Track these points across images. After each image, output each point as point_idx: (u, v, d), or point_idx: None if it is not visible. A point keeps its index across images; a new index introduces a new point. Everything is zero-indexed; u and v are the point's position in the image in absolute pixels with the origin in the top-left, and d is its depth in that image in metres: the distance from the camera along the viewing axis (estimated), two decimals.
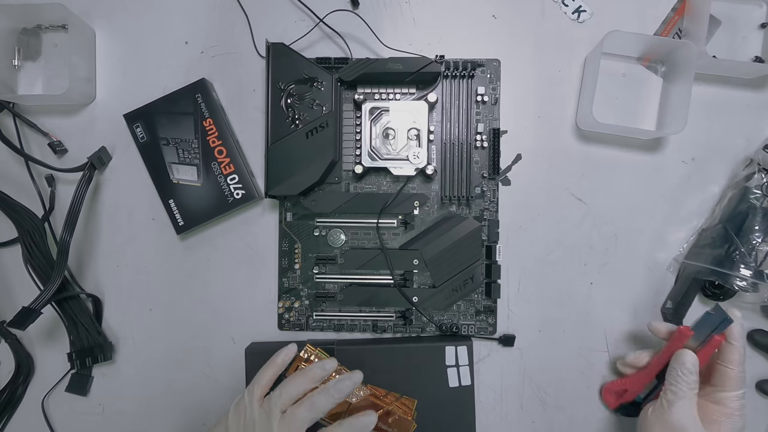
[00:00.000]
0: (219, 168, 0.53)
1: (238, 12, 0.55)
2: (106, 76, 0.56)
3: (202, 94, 0.53)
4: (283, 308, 0.55)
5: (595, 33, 0.54)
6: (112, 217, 0.56)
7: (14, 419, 0.55)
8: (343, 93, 0.54)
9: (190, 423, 0.55)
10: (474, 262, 0.52)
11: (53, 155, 0.55)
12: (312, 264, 0.54)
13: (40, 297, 0.49)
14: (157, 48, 0.56)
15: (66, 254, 0.50)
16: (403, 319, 0.54)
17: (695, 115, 0.53)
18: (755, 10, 0.55)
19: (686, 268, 0.53)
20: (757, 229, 0.50)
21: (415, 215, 0.54)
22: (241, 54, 0.55)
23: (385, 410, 0.49)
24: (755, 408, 0.54)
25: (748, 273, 0.49)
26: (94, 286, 0.56)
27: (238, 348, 0.55)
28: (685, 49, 0.50)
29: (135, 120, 0.53)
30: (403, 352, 0.52)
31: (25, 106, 0.55)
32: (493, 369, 0.55)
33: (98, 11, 0.56)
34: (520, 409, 0.54)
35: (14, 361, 0.55)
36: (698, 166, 0.55)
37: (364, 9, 0.55)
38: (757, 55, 0.54)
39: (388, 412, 0.49)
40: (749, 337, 0.53)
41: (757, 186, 0.51)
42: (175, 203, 0.53)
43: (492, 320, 0.54)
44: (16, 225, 0.53)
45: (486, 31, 0.55)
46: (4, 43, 0.54)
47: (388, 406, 0.49)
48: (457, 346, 0.52)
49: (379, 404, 0.49)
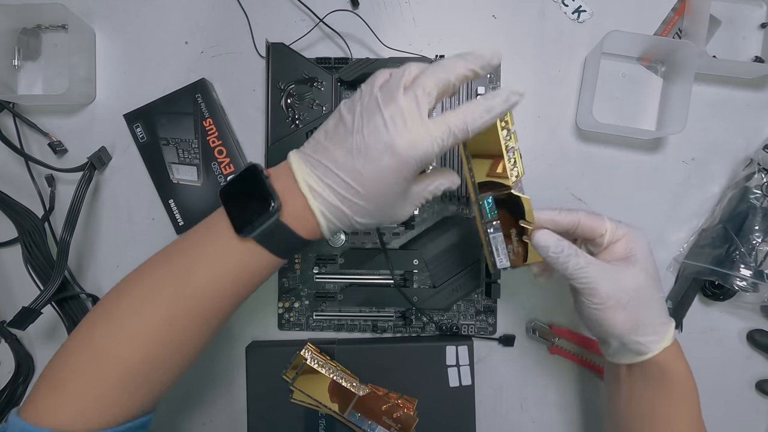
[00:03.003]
0: (219, 168, 0.53)
1: (238, 12, 0.55)
2: (106, 76, 0.56)
3: (202, 94, 0.53)
4: (283, 308, 0.55)
5: (595, 33, 0.54)
6: (112, 217, 0.56)
7: None
8: (343, 93, 0.54)
9: (190, 423, 0.55)
10: (474, 262, 0.53)
11: (53, 155, 0.55)
12: (312, 264, 0.54)
13: (40, 297, 0.49)
14: (157, 48, 0.56)
15: (66, 254, 0.50)
16: (403, 319, 0.54)
17: (695, 115, 0.53)
18: (755, 10, 0.55)
19: (686, 268, 0.53)
20: (757, 229, 0.50)
21: (415, 215, 0.54)
22: (241, 54, 0.55)
23: (389, 405, 0.49)
24: (755, 408, 0.54)
25: (748, 273, 0.49)
26: (94, 286, 0.56)
27: (239, 348, 0.55)
28: (685, 49, 0.50)
29: (135, 120, 0.53)
30: (403, 351, 0.52)
31: (25, 106, 0.55)
32: (493, 369, 0.55)
33: (98, 11, 0.56)
34: (520, 409, 0.54)
35: (14, 361, 0.55)
36: (698, 166, 0.55)
37: (364, 9, 0.55)
38: (757, 55, 0.54)
39: (393, 407, 0.49)
40: (749, 337, 0.53)
41: (757, 186, 0.51)
42: (175, 203, 0.53)
43: (492, 320, 0.54)
44: (16, 225, 0.53)
45: (486, 31, 0.55)
46: (4, 43, 0.54)
47: (392, 401, 0.49)
48: (457, 345, 0.52)
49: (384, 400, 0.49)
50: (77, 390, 0.35)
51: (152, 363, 0.36)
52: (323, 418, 0.51)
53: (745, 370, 0.54)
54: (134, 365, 0.36)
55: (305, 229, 0.36)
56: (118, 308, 0.37)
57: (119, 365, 0.35)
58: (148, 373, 0.36)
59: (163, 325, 0.36)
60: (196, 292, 0.36)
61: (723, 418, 0.54)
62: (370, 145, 0.33)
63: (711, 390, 0.54)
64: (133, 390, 0.36)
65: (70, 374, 0.35)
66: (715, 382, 0.54)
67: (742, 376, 0.54)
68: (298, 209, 0.35)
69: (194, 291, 0.36)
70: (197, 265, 0.36)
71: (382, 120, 0.33)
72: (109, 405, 0.35)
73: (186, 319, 0.36)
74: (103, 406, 0.35)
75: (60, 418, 0.34)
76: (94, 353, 0.36)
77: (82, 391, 0.35)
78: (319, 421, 0.51)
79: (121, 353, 0.35)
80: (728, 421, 0.54)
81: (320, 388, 0.50)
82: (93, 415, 0.35)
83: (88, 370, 0.35)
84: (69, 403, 0.34)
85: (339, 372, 0.50)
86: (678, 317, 0.53)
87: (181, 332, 0.36)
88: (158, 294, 0.36)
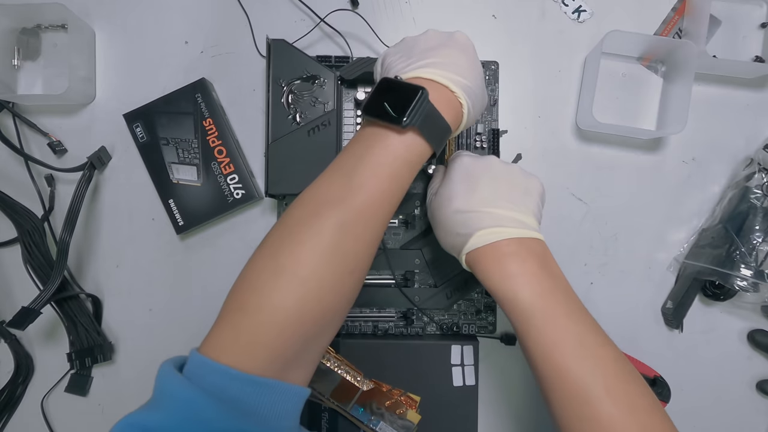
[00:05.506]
0: (219, 168, 0.53)
1: (238, 12, 0.55)
2: (106, 76, 0.56)
3: (202, 94, 0.53)
4: None
5: (595, 33, 0.54)
6: (112, 217, 0.56)
7: (14, 419, 0.55)
8: (344, 91, 0.54)
9: None
10: None
11: (53, 155, 0.55)
12: None
13: (40, 297, 0.49)
14: (157, 48, 0.56)
15: (66, 254, 0.50)
16: (404, 319, 0.54)
17: (695, 115, 0.53)
18: (755, 10, 0.55)
19: (686, 268, 0.53)
20: (757, 228, 0.50)
21: (416, 215, 0.54)
22: (241, 54, 0.55)
23: (392, 402, 0.49)
24: (755, 408, 0.54)
25: (748, 273, 0.49)
26: (94, 286, 0.56)
27: None
28: (685, 49, 0.51)
29: (135, 120, 0.53)
30: (408, 349, 0.52)
31: (25, 106, 0.55)
32: (494, 368, 0.55)
33: (98, 11, 0.56)
34: (522, 408, 0.54)
35: (14, 361, 0.54)
36: (698, 166, 0.55)
37: (365, 9, 0.55)
38: (757, 55, 0.54)
39: (396, 403, 0.49)
40: (749, 337, 0.53)
41: (758, 186, 0.51)
42: (175, 203, 0.53)
43: (492, 319, 0.54)
44: (16, 225, 0.53)
45: (486, 31, 0.55)
46: (4, 43, 0.54)
47: (395, 397, 0.50)
48: (463, 345, 0.51)
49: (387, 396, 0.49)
50: (268, 313, 0.33)
51: (328, 279, 0.34)
52: (326, 411, 0.51)
53: (746, 370, 0.54)
54: (312, 281, 0.34)
55: (451, 113, 0.39)
56: (290, 221, 0.36)
57: (299, 280, 0.34)
58: (326, 293, 0.35)
59: (333, 231, 0.35)
60: (361, 192, 0.36)
61: (723, 418, 0.54)
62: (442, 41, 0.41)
63: (711, 390, 0.55)
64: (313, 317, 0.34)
65: (258, 296, 0.34)
66: (715, 382, 0.54)
67: (742, 376, 0.54)
68: (438, 95, 0.38)
69: (359, 191, 0.36)
70: (357, 166, 0.37)
71: (432, 30, 0.43)
72: (294, 333, 0.33)
73: (353, 223, 0.35)
74: (290, 334, 0.33)
75: (253, 351, 0.32)
76: (277, 267, 0.34)
77: (272, 315, 0.33)
78: (322, 415, 0.51)
79: (300, 266, 0.34)
80: (728, 421, 0.54)
81: (324, 382, 0.50)
82: (279, 346, 0.33)
83: (273, 288, 0.33)
84: (262, 331, 0.32)
85: (344, 366, 0.50)
86: (678, 317, 0.53)
87: (349, 239, 0.35)
88: (325, 201, 0.36)
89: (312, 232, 0.35)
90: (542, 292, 0.37)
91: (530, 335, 0.37)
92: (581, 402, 0.35)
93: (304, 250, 0.34)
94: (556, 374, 0.36)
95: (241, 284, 0.35)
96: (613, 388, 0.35)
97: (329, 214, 0.35)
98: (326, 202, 0.36)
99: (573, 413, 0.35)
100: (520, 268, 0.38)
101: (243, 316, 0.33)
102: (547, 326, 0.36)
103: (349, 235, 0.35)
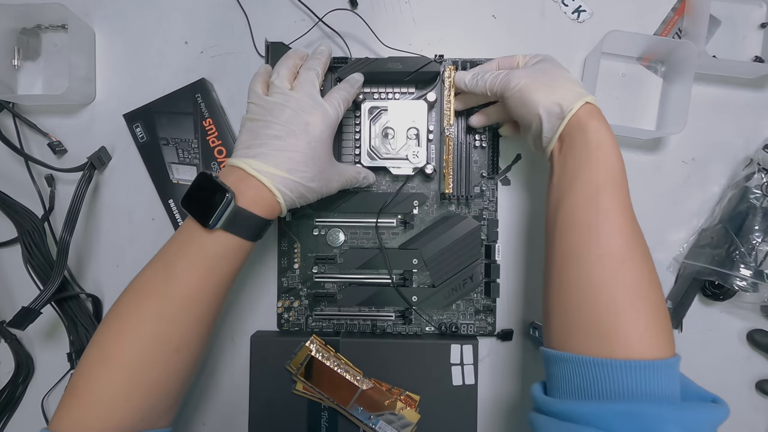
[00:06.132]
0: (219, 168, 0.53)
1: (238, 12, 0.55)
2: (106, 76, 0.56)
3: (202, 94, 0.53)
4: (283, 308, 0.54)
5: (595, 33, 0.54)
6: (112, 217, 0.56)
7: (14, 419, 0.55)
8: None
9: (189, 423, 0.55)
10: (473, 261, 0.53)
11: (53, 155, 0.55)
12: (311, 264, 0.54)
13: (40, 297, 0.49)
14: (157, 48, 0.56)
15: (66, 254, 0.50)
16: (403, 319, 0.54)
17: (695, 115, 0.53)
18: (755, 10, 0.55)
19: (686, 268, 0.53)
20: (757, 228, 0.50)
21: (414, 215, 0.54)
22: (241, 54, 0.55)
23: (391, 401, 0.49)
24: (755, 408, 0.54)
25: (748, 273, 0.49)
26: (94, 286, 0.56)
27: (238, 348, 0.55)
28: (685, 49, 0.50)
29: (135, 120, 0.53)
30: (408, 348, 0.52)
31: (25, 106, 0.55)
32: (493, 367, 0.55)
33: (98, 11, 0.56)
34: (520, 407, 0.54)
35: (14, 361, 0.55)
36: (698, 166, 0.55)
37: (364, 9, 0.55)
38: (757, 55, 0.54)
39: (395, 402, 0.49)
40: (749, 337, 0.53)
41: (757, 186, 0.51)
42: (175, 203, 0.53)
43: (491, 319, 0.54)
44: (16, 225, 0.53)
45: (486, 31, 0.55)
46: (4, 43, 0.54)
47: (395, 397, 0.50)
48: (462, 345, 0.52)
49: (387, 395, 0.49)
50: (93, 397, 0.37)
51: (151, 361, 0.39)
52: (326, 410, 0.51)
53: (745, 370, 0.54)
54: (134, 364, 0.38)
55: (264, 209, 0.41)
56: (116, 311, 0.40)
57: (123, 365, 0.38)
58: (150, 372, 0.39)
59: (153, 320, 0.39)
60: (178, 285, 0.39)
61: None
62: (294, 127, 0.42)
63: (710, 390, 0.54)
64: (142, 392, 0.38)
65: (85, 381, 0.38)
66: (715, 382, 0.54)
67: (742, 376, 0.54)
68: (253, 193, 0.40)
69: (176, 284, 0.39)
70: (175, 261, 0.40)
71: (292, 111, 0.42)
72: (123, 408, 0.38)
73: (172, 312, 0.39)
74: (118, 410, 0.37)
75: (85, 426, 0.37)
76: (102, 356, 0.38)
77: (97, 397, 0.37)
78: (322, 414, 0.51)
79: (122, 353, 0.38)
80: (728, 421, 0.54)
81: (324, 381, 0.50)
82: (112, 421, 0.37)
83: (99, 375, 0.38)
84: (89, 411, 0.37)
85: (343, 365, 0.50)
86: (678, 317, 0.53)
87: (170, 325, 0.39)
88: (145, 293, 0.40)
89: (133, 323, 0.39)
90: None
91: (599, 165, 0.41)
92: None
93: (126, 339, 0.38)
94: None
95: (76, 371, 0.39)
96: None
97: (149, 305, 0.39)
98: (147, 294, 0.40)
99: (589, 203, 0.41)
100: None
101: (73, 399, 0.37)
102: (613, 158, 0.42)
103: (170, 323, 0.39)
